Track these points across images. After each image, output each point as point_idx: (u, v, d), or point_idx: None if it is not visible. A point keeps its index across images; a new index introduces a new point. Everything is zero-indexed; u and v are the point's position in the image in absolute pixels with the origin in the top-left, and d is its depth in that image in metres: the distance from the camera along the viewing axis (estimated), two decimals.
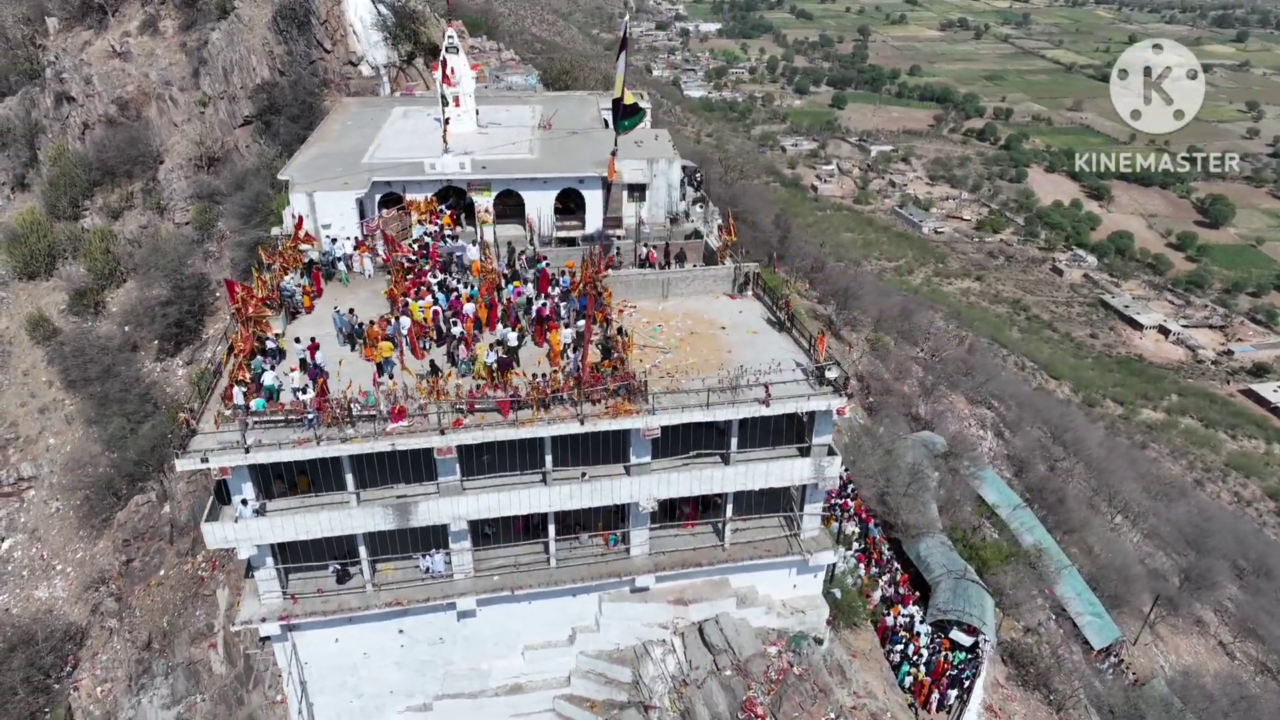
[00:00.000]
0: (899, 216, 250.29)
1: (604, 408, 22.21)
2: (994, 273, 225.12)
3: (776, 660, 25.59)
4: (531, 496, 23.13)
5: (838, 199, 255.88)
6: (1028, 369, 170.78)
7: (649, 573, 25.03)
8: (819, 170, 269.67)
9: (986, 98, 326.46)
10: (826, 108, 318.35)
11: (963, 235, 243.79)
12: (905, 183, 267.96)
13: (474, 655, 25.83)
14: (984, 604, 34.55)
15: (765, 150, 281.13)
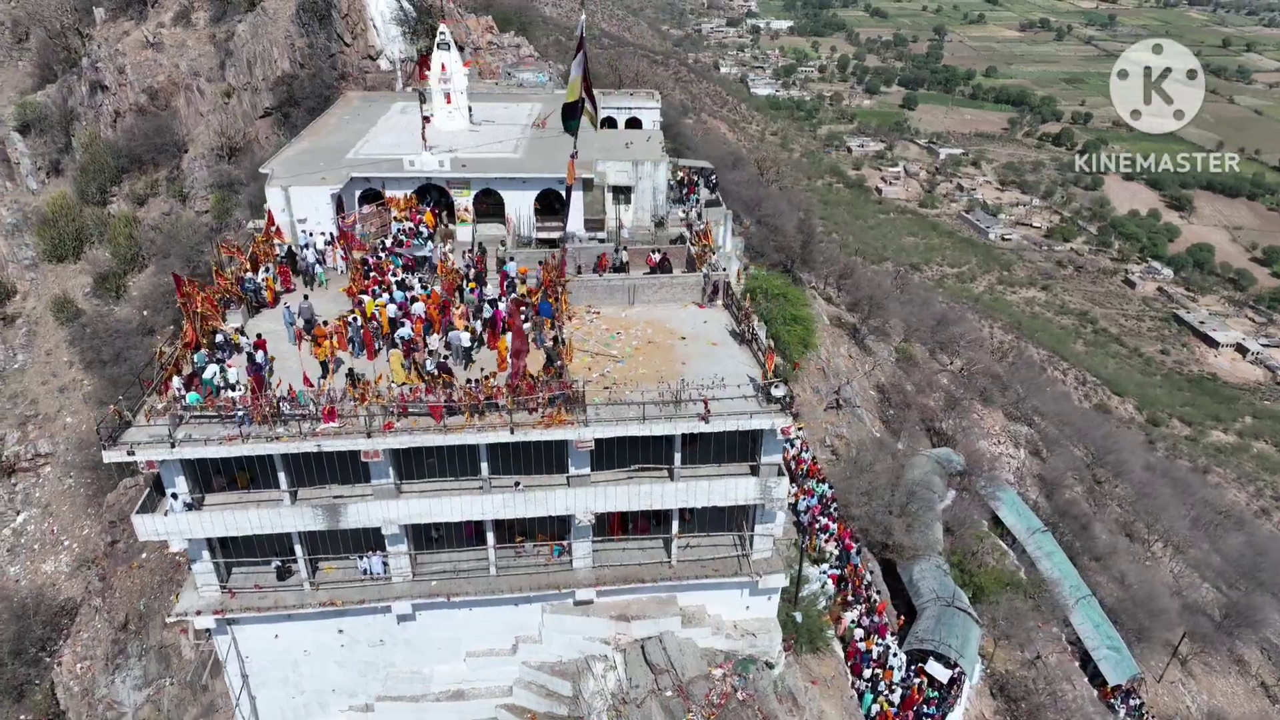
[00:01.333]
0: (965, 221, 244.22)
1: (539, 417, 21.73)
2: (1061, 283, 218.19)
3: (720, 684, 24.81)
4: (466, 504, 22.79)
5: (902, 202, 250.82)
6: (1089, 384, 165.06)
7: (590, 586, 24.49)
8: (884, 172, 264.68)
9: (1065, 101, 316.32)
10: (896, 108, 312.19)
11: (1031, 243, 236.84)
12: (974, 187, 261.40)
13: (415, 659, 25.64)
14: (968, 634, 33.11)
15: (830, 150, 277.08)
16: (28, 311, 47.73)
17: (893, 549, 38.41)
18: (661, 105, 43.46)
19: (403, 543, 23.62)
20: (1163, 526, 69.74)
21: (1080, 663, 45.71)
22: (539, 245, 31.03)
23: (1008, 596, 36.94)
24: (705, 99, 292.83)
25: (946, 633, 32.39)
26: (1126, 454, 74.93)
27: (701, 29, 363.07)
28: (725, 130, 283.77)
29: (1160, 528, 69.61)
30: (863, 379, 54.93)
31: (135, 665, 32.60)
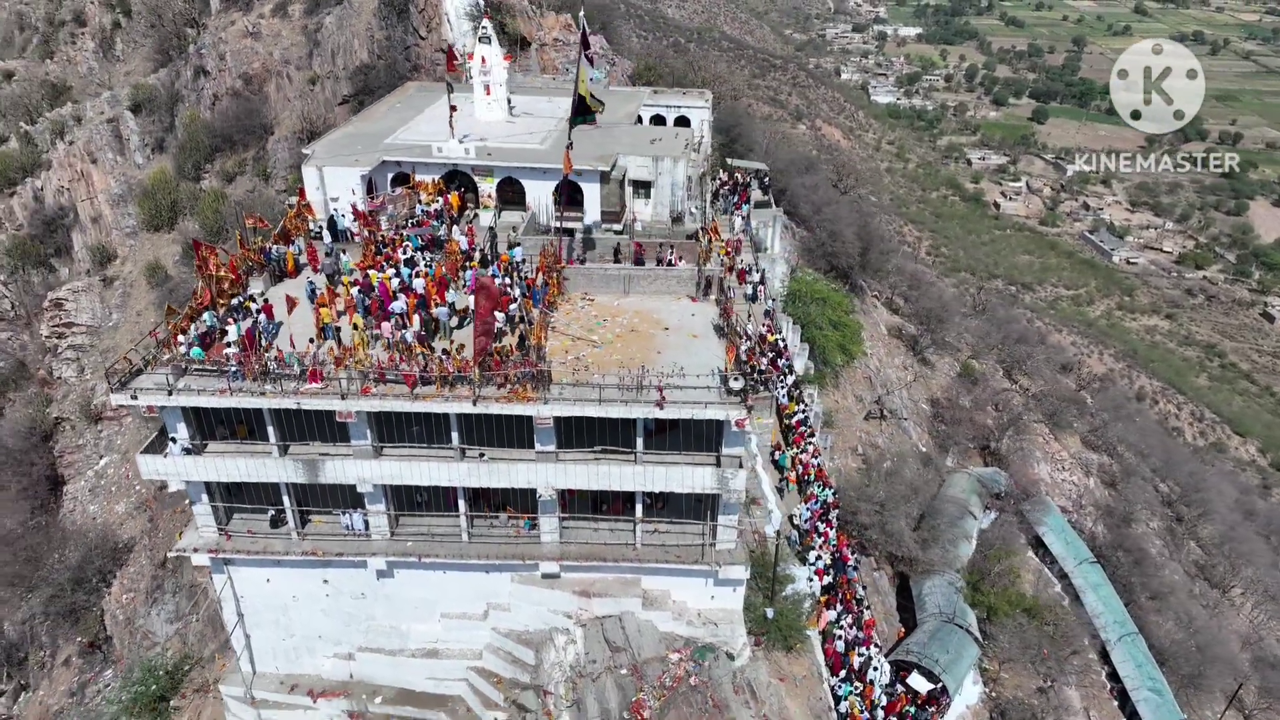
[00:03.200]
0: (1088, 242, 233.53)
1: (504, 392, 22.92)
2: (1189, 312, 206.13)
3: (674, 668, 25.44)
4: (436, 470, 24.20)
5: (1021, 218, 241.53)
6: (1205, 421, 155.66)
7: (555, 560, 25.54)
8: (1005, 187, 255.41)
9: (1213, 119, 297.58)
10: (1025, 121, 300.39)
11: (1159, 268, 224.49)
12: (1101, 207, 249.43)
13: (394, 615, 27.27)
14: (961, 651, 32.54)
15: (949, 162, 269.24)
16: (125, 275, 52.24)
17: (905, 562, 37.93)
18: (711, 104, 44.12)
19: (381, 502, 25.26)
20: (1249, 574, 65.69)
21: (1119, 702, 43.96)
22: (558, 234, 32.22)
23: (1016, 621, 35.93)
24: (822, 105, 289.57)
25: (938, 647, 31.88)
26: (1215, 494, 70.67)
27: (826, 34, 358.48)
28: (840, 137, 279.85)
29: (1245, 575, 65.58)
30: (915, 391, 53.98)
31: (169, 601, 35.61)
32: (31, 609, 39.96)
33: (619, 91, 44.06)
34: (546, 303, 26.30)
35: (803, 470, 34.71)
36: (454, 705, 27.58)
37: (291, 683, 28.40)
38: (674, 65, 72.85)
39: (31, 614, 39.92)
